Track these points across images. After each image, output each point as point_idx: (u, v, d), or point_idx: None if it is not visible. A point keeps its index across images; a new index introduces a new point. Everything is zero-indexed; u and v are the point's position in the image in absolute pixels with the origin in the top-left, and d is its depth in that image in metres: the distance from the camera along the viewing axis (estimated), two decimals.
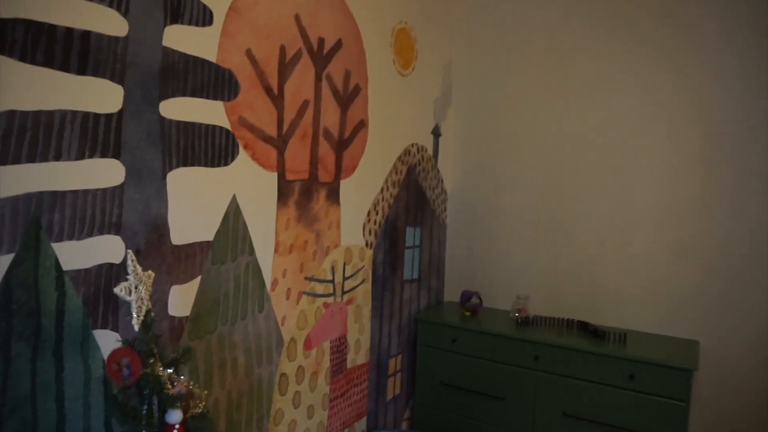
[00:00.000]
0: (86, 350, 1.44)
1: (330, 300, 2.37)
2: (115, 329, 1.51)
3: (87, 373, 1.45)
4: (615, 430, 2.45)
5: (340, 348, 2.46)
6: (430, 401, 2.97)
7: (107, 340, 1.48)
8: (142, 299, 1.24)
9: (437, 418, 2.94)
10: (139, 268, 1.25)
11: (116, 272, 1.50)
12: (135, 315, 1.22)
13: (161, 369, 1.23)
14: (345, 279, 2.45)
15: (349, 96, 2.40)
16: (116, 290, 1.20)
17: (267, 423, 2.09)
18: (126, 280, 1.22)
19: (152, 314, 1.27)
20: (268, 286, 2.04)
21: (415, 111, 2.97)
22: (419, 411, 3.01)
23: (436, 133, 3.20)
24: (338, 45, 2.31)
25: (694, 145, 2.68)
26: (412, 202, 2.99)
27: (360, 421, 2.68)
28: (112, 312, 1.50)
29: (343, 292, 2.45)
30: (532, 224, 3.15)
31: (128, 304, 1.22)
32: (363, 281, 2.60)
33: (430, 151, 3.16)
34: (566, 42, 3.00)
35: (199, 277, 1.75)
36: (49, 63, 1.32)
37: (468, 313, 3.05)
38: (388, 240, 2.79)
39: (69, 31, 1.36)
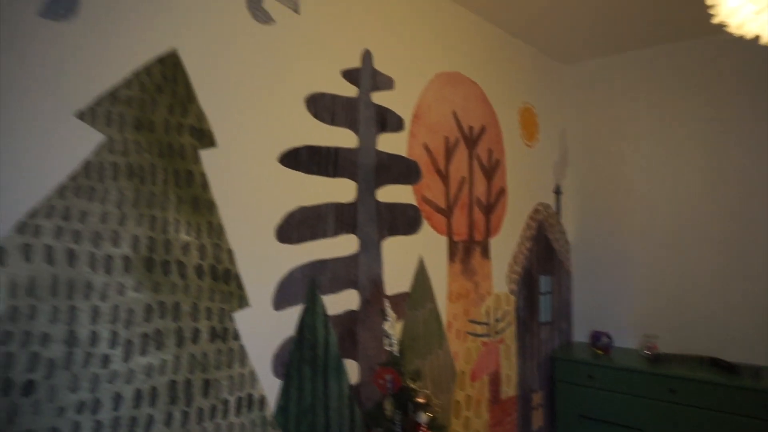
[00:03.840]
0: (340, 374, 1.99)
1: (486, 339, 2.82)
2: (354, 358, 2.05)
3: (341, 391, 1.99)
4: None
5: (495, 381, 2.88)
6: None
7: (350, 367, 2.03)
8: (395, 333, 1.77)
9: None
10: (392, 312, 1.79)
11: (354, 316, 2.06)
12: (394, 343, 1.75)
13: (412, 383, 1.74)
14: (496, 321, 2.91)
15: (492, 169, 2.92)
16: (385, 326, 1.74)
17: None
18: (387, 320, 1.76)
19: (404, 343, 1.79)
20: (444, 327, 2.53)
21: (539, 174, 3.45)
22: None
23: (558, 191, 3.65)
24: (483, 129, 2.86)
25: None
26: (543, 253, 3.42)
27: None
28: (352, 345, 2.05)
29: (496, 333, 2.90)
30: (653, 267, 3.45)
31: (389, 336, 1.76)
32: (509, 323, 3.03)
33: (554, 208, 3.60)
34: (673, 102, 3.39)
35: (403, 321, 2.28)
36: (319, 172, 1.95)
37: (600, 352, 3.37)
38: (526, 287, 3.22)
39: (327, 149, 1.99)
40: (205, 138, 1.62)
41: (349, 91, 2.10)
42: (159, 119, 1.51)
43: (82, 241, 1.35)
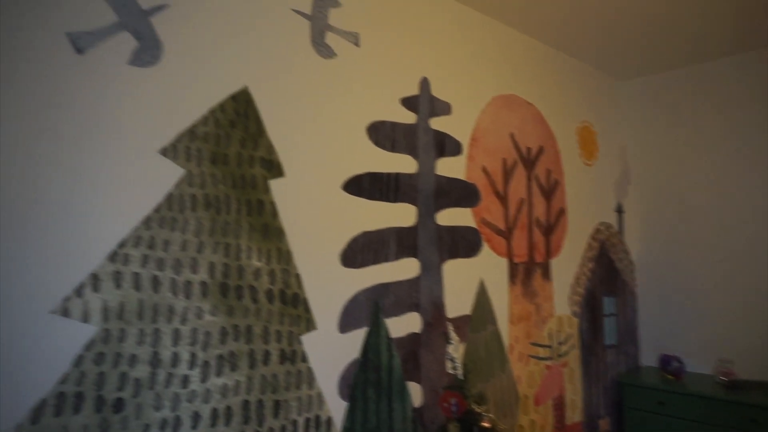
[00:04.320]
0: (403, 396, 2.01)
1: (549, 362, 2.77)
2: (417, 381, 2.07)
3: (404, 414, 2.01)
4: None
5: (560, 406, 2.81)
6: None
7: (413, 390, 2.05)
8: (458, 356, 1.78)
9: None
10: (455, 335, 1.80)
11: (416, 339, 2.08)
12: (458, 367, 1.76)
13: (476, 406, 1.74)
14: (559, 344, 2.85)
15: (551, 189, 2.90)
16: (449, 349, 1.76)
17: None
18: (450, 343, 1.78)
19: (467, 366, 1.80)
20: (506, 350, 2.51)
21: (600, 193, 3.38)
22: None
23: (619, 210, 3.56)
24: (541, 150, 2.85)
25: None
26: (605, 274, 3.33)
27: None
28: (415, 368, 2.07)
29: (559, 356, 2.84)
30: (724, 287, 3.29)
31: (453, 360, 1.77)
32: (573, 346, 2.96)
33: (616, 227, 3.51)
34: (739, 116, 3.25)
35: (465, 343, 2.28)
36: (380, 197, 2.00)
37: (671, 377, 3.22)
38: (589, 309, 3.14)
39: (388, 175, 2.04)
40: (274, 169, 1.70)
41: (408, 118, 2.15)
42: (232, 153, 1.61)
43: (165, 268, 1.45)
